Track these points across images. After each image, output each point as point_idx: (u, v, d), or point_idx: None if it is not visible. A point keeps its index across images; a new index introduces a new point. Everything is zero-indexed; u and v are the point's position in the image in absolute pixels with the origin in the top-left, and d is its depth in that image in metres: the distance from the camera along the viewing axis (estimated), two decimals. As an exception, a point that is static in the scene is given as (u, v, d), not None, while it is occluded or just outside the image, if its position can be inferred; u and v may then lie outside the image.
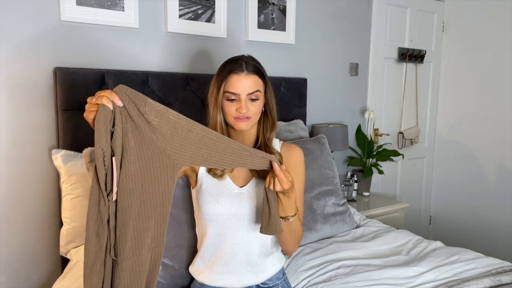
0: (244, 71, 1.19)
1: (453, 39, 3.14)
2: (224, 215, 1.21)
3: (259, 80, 1.21)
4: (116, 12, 1.76)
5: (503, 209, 2.89)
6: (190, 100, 1.93)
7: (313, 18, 2.46)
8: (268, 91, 1.26)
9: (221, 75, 1.22)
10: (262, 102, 1.23)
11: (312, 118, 2.53)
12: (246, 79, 1.19)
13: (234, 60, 1.22)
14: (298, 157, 1.31)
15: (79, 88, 1.65)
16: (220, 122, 1.23)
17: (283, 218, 1.15)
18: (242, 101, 1.18)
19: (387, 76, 2.92)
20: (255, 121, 1.24)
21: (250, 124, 1.22)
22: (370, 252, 1.68)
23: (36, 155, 1.66)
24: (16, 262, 1.67)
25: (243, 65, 1.20)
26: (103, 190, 0.87)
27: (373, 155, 2.72)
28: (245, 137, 1.28)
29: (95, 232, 0.90)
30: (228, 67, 1.21)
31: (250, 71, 1.20)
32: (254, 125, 1.26)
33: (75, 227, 1.58)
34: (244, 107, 1.18)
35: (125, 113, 0.88)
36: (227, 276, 1.24)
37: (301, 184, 1.30)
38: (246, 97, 1.19)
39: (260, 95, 1.21)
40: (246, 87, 1.19)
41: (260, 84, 1.22)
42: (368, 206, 2.51)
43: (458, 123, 3.15)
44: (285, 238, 1.21)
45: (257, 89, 1.20)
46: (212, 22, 2.03)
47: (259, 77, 1.22)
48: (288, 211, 1.14)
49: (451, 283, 1.43)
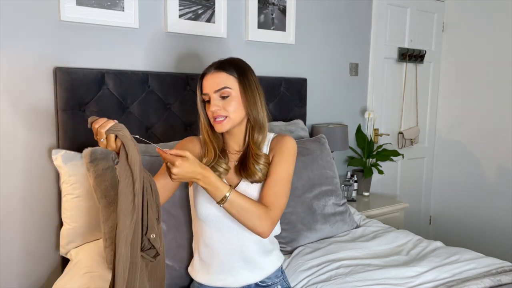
0: (212, 70, 1.20)
1: (453, 39, 3.13)
2: (219, 216, 1.21)
3: (228, 77, 1.19)
4: (116, 12, 1.76)
5: (503, 209, 2.89)
6: (190, 100, 1.93)
7: (313, 18, 2.46)
8: (246, 92, 1.20)
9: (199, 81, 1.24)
10: (237, 100, 1.20)
11: (312, 118, 2.53)
12: (212, 77, 1.19)
13: (209, 65, 1.24)
14: (284, 144, 1.26)
15: (79, 88, 1.65)
16: (204, 126, 1.25)
17: (218, 203, 1.09)
18: (212, 99, 1.18)
19: (387, 76, 2.92)
20: (236, 120, 1.21)
21: (228, 124, 1.19)
22: (370, 252, 1.68)
23: (36, 155, 1.66)
24: (16, 262, 1.67)
25: (214, 65, 1.21)
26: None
27: (373, 155, 2.72)
28: (233, 139, 1.27)
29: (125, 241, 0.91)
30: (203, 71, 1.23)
31: (217, 68, 1.20)
32: (240, 126, 1.25)
33: (75, 227, 1.58)
34: (214, 105, 1.17)
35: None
36: (225, 276, 1.25)
37: (283, 169, 1.22)
38: (215, 95, 1.18)
39: (230, 91, 1.18)
40: (212, 85, 1.18)
41: (231, 81, 1.19)
42: (368, 206, 2.51)
43: (458, 123, 3.15)
44: (240, 221, 1.13)
45: (225, 86, 1.18)
46: (212, 22, 2.03)
47: (228, 74, 1.19)
48: (213, 197, 1.08)
49: (451, 283, 1.43)
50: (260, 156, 1.22)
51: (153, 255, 0.99)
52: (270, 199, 1.18)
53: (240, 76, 1.20)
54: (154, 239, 0.97)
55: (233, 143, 1.28)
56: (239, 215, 1.11)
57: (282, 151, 1.25)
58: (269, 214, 1.15)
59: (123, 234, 0.89)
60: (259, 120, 1.24)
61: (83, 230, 1.59)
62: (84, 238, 1.59)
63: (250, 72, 1.24)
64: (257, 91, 1.23)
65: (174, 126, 1.90)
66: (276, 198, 1.19)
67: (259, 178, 1.21)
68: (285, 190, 1.22)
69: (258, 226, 1.13)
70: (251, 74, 1.24)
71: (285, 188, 1.22)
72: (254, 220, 1.12)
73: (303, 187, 1.79)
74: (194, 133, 1.34)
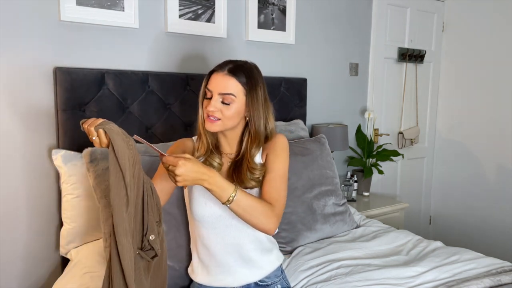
0: (224, 71, 1.18)
1: (453, 39, 3.13)
2: (213, 217, 1.21)
3: (237, 85, 1.17)
4: (116, 12, 1.76)
5: (503, 209, 2.89)
6: (190, 100, 1.93)
7: (313, 18, 2.46)
8: (253, 101, 1.19)
9: (208, 73, 1.23)
10: (237, 109, 1.17)
11: (312, 118, 2.53)
12: (222, 79, 1.17)
13: (223, 62, 1.22)
14: (277, 143, 1.26)
15: (79, 88, 1.65)
16: (201, 119, 1.23)
17: (224, 204, 1.08)
18: (213, 99, 1.17)
19: (387, 76, 2.92)
20: (228, 125, 1.19)
21: (218, 126, 1.18)
22: (370, 252, 1.68)
23: (36, 155, 1.66)
24: (16, 262, 1.66)
25: (227, 65, 1.19)
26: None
27: (373, 155, 2.72)
28: (227, 141, 1.27)
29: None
30: (216, 66, 1.22)
31: (230, 72, 1.17)
32: (235, 130, 1.24)
33: (75, 227, 1.58)
34: (212, 105, 1.15)
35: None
36: (224, 276, 1.25)
37: (280, 166, 1.23)
38: (218, 97, 1.16)
39: (233, 99, 1.16)
40: (219, 86, 1.16)
41: (238, 90, 1.17)
42: (368, 206, 2.51)
43: (458, 123, 3.15)
44: (246, 220, 1.12)
45: (230, 93, 1.16)
46: (212, 22, 2.03)
47: (238, 82, 1.17)
48: (219, 198, 1.06)
49: (451, 283, 1.43)
50: (255, 169, 1.21)
51: (151, 256, 1.00)
52: (272, 195, 1.18)
53: (248, 87, 1.18)
54: (154, 241, 0.98)
55: (225, 144, 1.28)
56: (246, 213, 1.10)
57: (275, 149, 1.25)
58: (274, 211, 1.16)
59: (121, 227, 0.89)
60: (260, 133, 1.23)
61: (83, 230, 1.59)
62: (84, 238, 1.59)
63: (260, 86, 1.22)
64: (263, 105, 1.22)
65: (174, 126, 1.90)
66: (278, 193, 1.19)
67: (252, 186, 1.22)
68: (285, 185, 1.24)
69: (265, 224, 1.13)
70: (260, 88, 1.21)
71: (284, 183, 1.24)
72: (261, 218, 1.12)
73: (303, 187, 1.79)
74: (194, 133, 1.33)
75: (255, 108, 1.20)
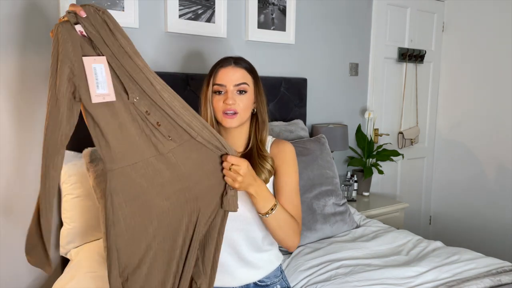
0: (232, 64, 1.22)
1: (453, 39, 3.14)
2: None
3: (247, 74, 1.23)
4: (116, 12, 1.76)
5: (503, 209, 2.89)
6: (190, 100, 1.90)
7: (313, 18, 2.46)
8: (258, 91, 1.25)
9: (210, 72, 1.24)
10: (250, 98, 1.22)
11: (312, 118, 2.53)
12: (233, 71, 1.21)
13: (224, 58, 1.26)
14: (288, 153, 1.28)
15: (79, 88, 1.65)
16: (210, 118, 1.23)
17: (262, 215, 1.14)
18: (229, 92, 1.19)
19: (387, 76, 2.92)
20: (244, 118, 1.22)
21: (237, 121, 1.20)
22: (370, 252, 1.68)
23: (36, 155, 1.66)
24: (16, 262, 1.66)
25: (231, 60, 1.23)
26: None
27: (373, 155, 2.72)
28: (236, 137, 1.27)
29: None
30: (217, 64, 1.25)
31: (238, 64, 1.22)
32: (244, 125, 1.25)
33: (75, 227, 1.58)
34: (231, 98, 1.18)
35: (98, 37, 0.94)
36: (221, 276, 1.24)
37: (294, 179, 1.27)
38: (233, 89, 1.19)
39: (248, 88, 1.21)
40: (233, 79, 1.20)
41: (248, 78, 1.23)
42: (368, 206, 2.51)
43: (458, 123, 3.15)
44: (277, 234, 1.19)
45: (244, 81, 1.21)
46: (212, 22, 2.03)
47: (247, 72, 1.23)
48: (260, 208, 1.13)
49: (451, 283, 1.42)
50: (266, 157, 1.24)
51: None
52: (294, 212, 1.23)
53: (254, 75, 1.25)
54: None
55: (235, 142, 1.28)
56: (279, 228, 1.16)
57: (287, 160, 1.27)
58: (300, 227, 1.23)
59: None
60: (266, 123, 1.28)
61: (83, 230, 1.59)
62: (84, 238, 1.59)
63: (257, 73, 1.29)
64: (264, 95, 1.28)
65: (174, 126, 1.90)
66: (297, 210, 1.25)
67: (264, 179, 1.22)
68: (299, 199, 1.29)
69: (292, 240, 1.20)
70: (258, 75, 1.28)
71: (299, 197, 1.28)
72: (290, 234, 1.19)
73: (303, 187, 1.79)
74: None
75: (261, 97, 1.26)
